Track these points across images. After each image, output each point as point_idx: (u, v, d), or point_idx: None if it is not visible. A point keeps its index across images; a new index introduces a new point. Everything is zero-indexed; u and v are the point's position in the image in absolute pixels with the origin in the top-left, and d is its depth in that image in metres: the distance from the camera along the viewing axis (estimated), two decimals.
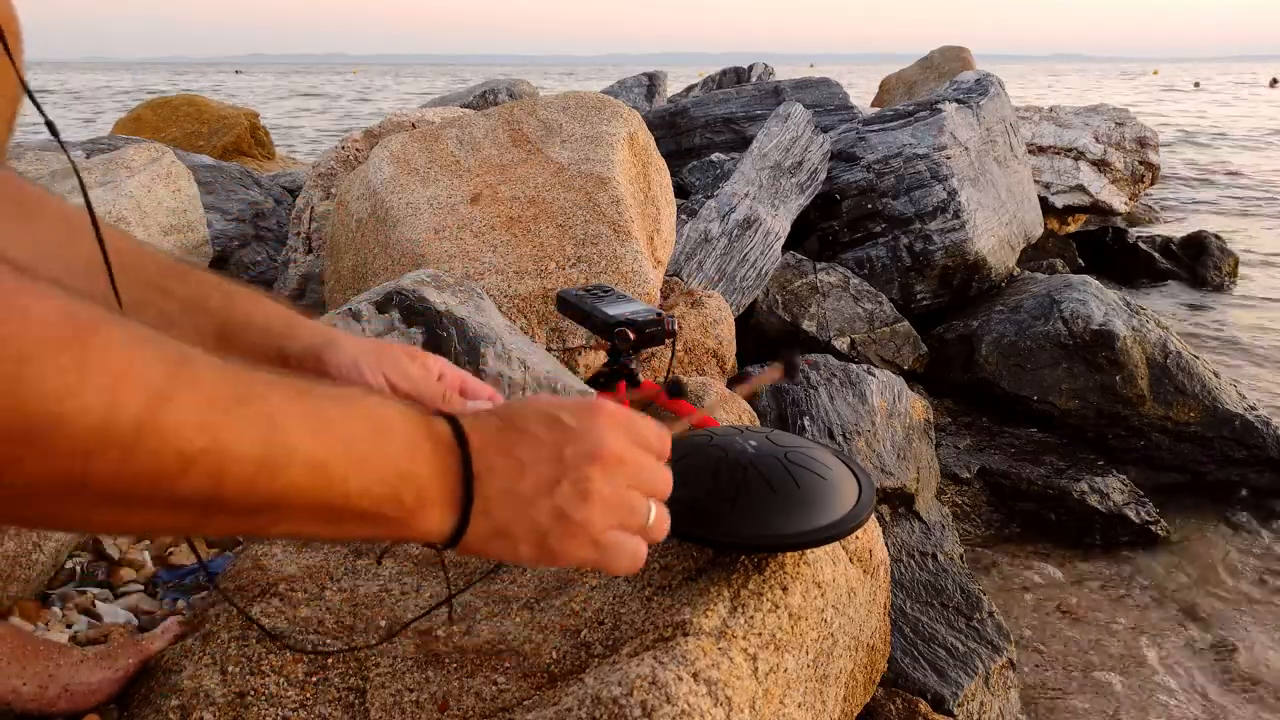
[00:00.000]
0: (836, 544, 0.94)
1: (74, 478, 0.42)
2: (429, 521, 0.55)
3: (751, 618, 0.82)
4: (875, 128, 3.53)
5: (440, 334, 1.48)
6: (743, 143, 3.95)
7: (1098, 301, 2.85)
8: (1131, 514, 2.37)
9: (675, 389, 0.82)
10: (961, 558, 2.01)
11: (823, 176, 3.30)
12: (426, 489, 0.54)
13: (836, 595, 0.92)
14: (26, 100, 0.69)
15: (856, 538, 1.00)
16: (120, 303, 0.69)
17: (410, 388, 0.76)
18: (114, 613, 1.09)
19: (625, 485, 0.60)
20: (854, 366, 2.29)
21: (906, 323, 3.01)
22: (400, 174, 2.07)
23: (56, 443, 0.40)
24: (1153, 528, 2.35)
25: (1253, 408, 2.69)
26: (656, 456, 0.63)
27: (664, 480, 0.63)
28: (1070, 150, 5.03)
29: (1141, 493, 2.45)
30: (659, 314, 0.96)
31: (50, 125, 0.69)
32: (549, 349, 1.79)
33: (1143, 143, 5.23)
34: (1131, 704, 1.73)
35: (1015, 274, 3.49)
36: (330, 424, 0.50)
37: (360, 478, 0.51)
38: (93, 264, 0.72)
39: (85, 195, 0.69)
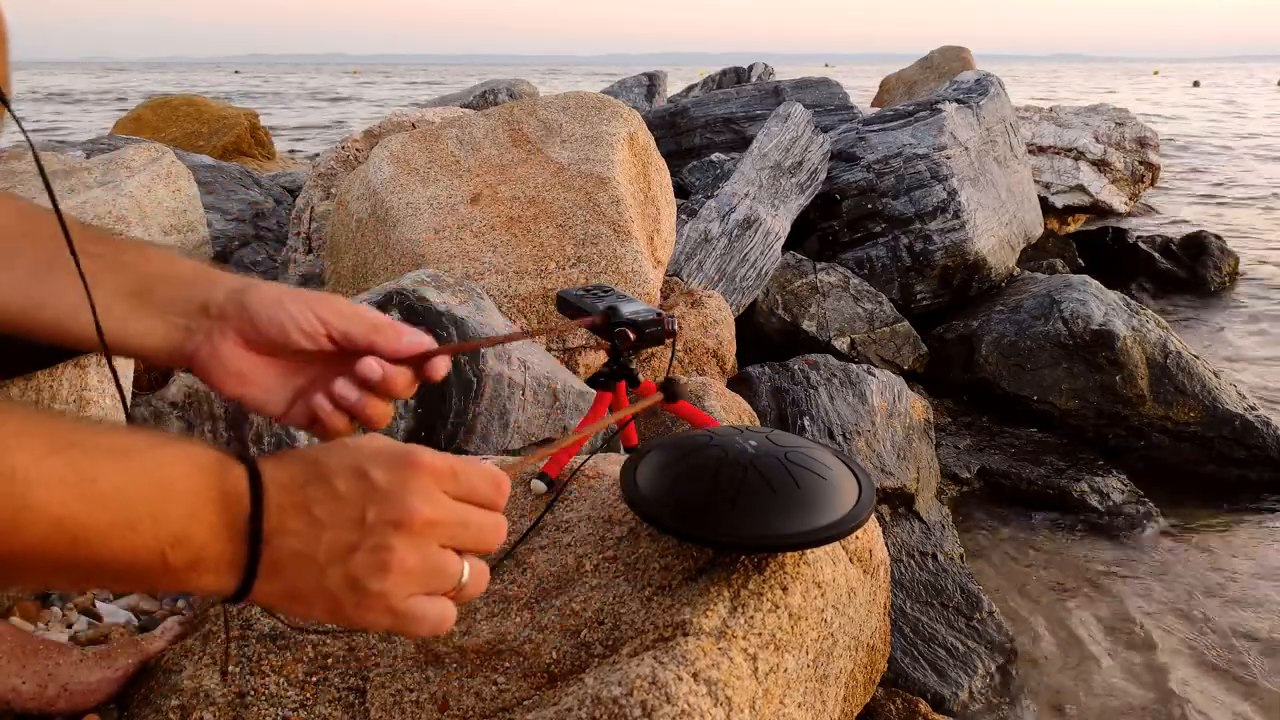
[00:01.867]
0: (836, 544, 0.94)
1: None
2: (202, 581, 0.52)
3: (751, 618, 0.82)
4: (875, 128, 3.53)
5: (440, 334, 1.48)
6: (743, 143, 3.95)
7: (1098, 301, 2.85)
8: (1131, 514, 2.37)
9: (671, 392, 0.80)
10: (961, 558, 2.01)
11: (823, 176, 3.30)
12: (202, 552, 0.51)
13: (836, 595, 0.92)
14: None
15: (856, 538, 1.00)
16: (80, 271, 0.67)
17: (340, 324, 0.70)
18: (114, 613, 1.09)
19: (437, 548, 0.55)
20: (854, 366, 2.29)
21: (906, 323, 3.01)
22: (400, 174, 2.07)
23: None
24: (1152, 528, 2.35)
25: (1253, 408, 2.69)
26: (489, 506, 0.58)
27: (492, 532, 0.58)
28: (1070, 150, 5.03)
29: (1141, 493, 2.45)
30: (659, 314, 0.95)
31: (26, 135, 0.67)
32: (549, 349, 1.79)
33: (1143, 143, 5.24)
34: (1133, 703, 1.73)
35: (1015, 274, 3.49)
36: (92, 483, 0.47)
37: (119, 542, 0.48)
38: (7, 235, 0.70)
39: (46, 183, 0.67)
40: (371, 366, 0.69)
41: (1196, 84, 32.83)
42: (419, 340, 0.72)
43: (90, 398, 1.08)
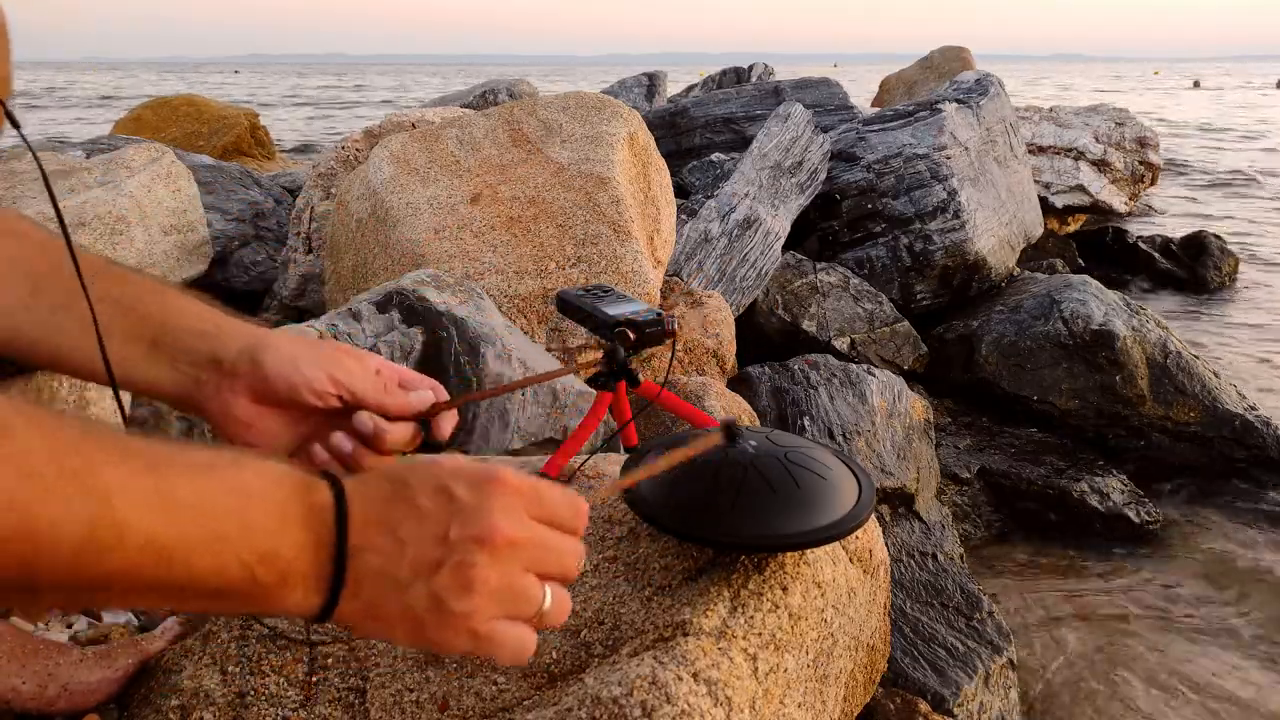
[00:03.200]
0: (836, 544, 0.94)
1: None
2: (290, 600, 0.51)
3: (751, 618, 0.82)
4: (875, 128, 3.53)
5: (440, 334, 1.48)
6: (743, 143, 3.95)
7: (1098, 301, 2.85)
8: (1131, 514, 2.37)
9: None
10: (961, 558, 2.01)
11: (823, 176, 3.30)
12: (290, 569, 0.50)
13: (836, 595, 0.92)
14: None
15: (856, 538, 1.00)
16: (90, 303, 0.68)
17: (350, 383, 0.72)
18: (114, 613, 1.09)
19: (520, 570, 0.54)
20: (854, 366, 2.29)
21: (906, 323, 3.01)
22: (400, 174, 2.07)
23: None
24: (1152, 527, 2.35)
25: (1253, 408, 2.69)
26: (569, 531, 0.57)
27: (572, 559, 0.57)
28: (1070, 150, 5.03)
29: (1141, 493, 2.45)
30: (659, 314, 0.95)
31: (19, 131, 0.68)
32: (549, 349, 1.79)
33: (1143, 143, 5.24)
34: (1133, 703, 1.73)
35: (1015, 274, 3.49)
36: (179, 501, 0.47)
37: (209, 559, 0.47)
38: (15, 261, 0.71)
39: (51, 193, 0.69)
40: (364, 422, 0.71)
41: (1197, 84, 32.80)
42: (424, 399, 0.73)
43: (91, 398, 1.09)
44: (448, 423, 0.73)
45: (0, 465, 0.41)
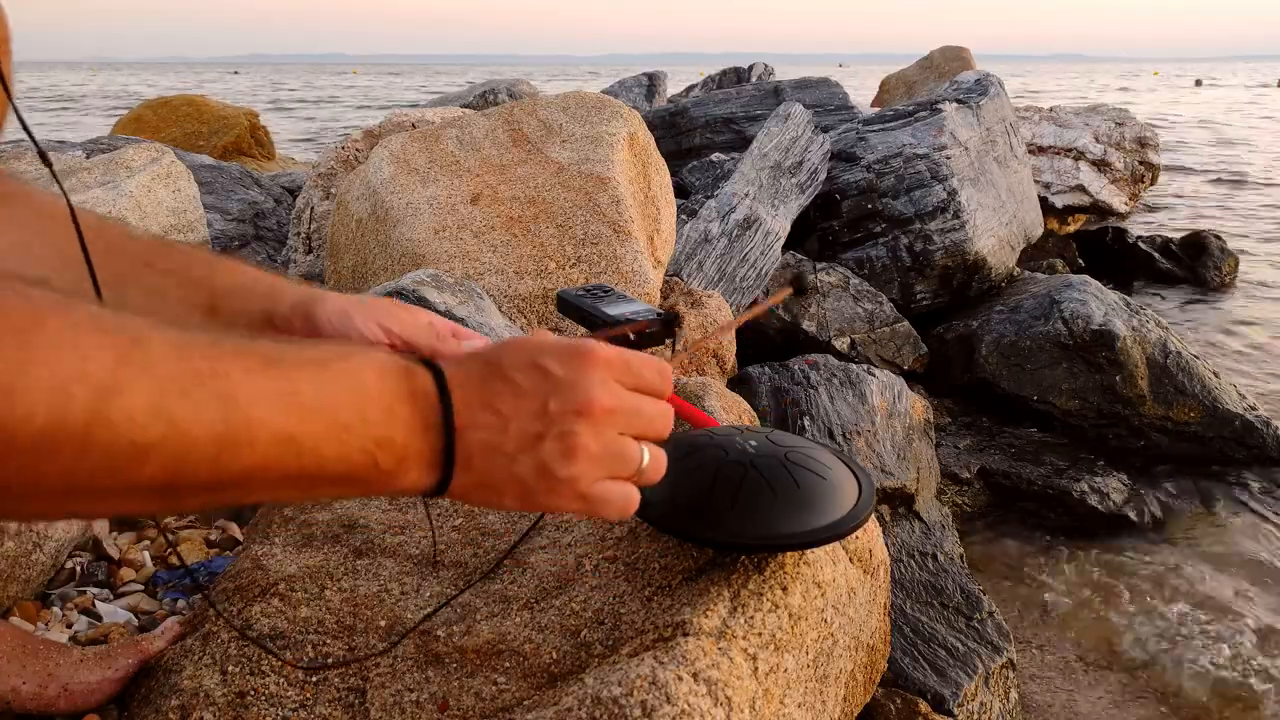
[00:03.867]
0: (836, 544, 0.94)
1: (25, 477, 0.40)
2: (407, 480, 0.54)
3: (751, 618, 0.82)
4: (875, 128, 3.53)
5: None
6: (743, 143, 3.95)
7: (1098, 301, 2.85)
8: (1131, 514, 2.37)
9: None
10: (961, 558, 2.01)
11: (823, 176, 3.30)
12: (405, 450, 0.53)
13: (836, 595, 0.92)
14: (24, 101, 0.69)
15: (856, 538, 1.00)
16: (99, 290, 0.69)
17: (403, 332, 0.74)
18: (114, 613, 1.09)
19: (616, 434, 0.58)
20: (854, 366, 2.29)
21: (906, 323, 3.01)
22: (400, 174, 2.07)
23: (1, 446, 0.39)
24: (1152, 528, 2.35)
25: (1253, 407, 2.69)
26: (656, 394, 0.61)
27: (662, 420, 0.61)
28: (1070, 150, 5.03)
29: (1141, 493, 2.45)
30: (659, 313, 0.95)
31: (30, 135, 0.68)
32: None
33: (1143, 142, 5.23)
34: (1133, 703, 1.73)
35: (1015, 274, 3.49)
36: (299, 394, 0.49)
37: (333, 446, 0.50)
38: (66, 253, 0.72)
39: (59, 184, 0.69)
40: None
41: (1199, 83, 32.78)
42: (477, 345, 0.75)
43: None
44: None
45: (140, 375, 0.43)
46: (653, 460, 0.61)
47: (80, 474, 0.42)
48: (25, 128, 0.66)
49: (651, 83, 6.18)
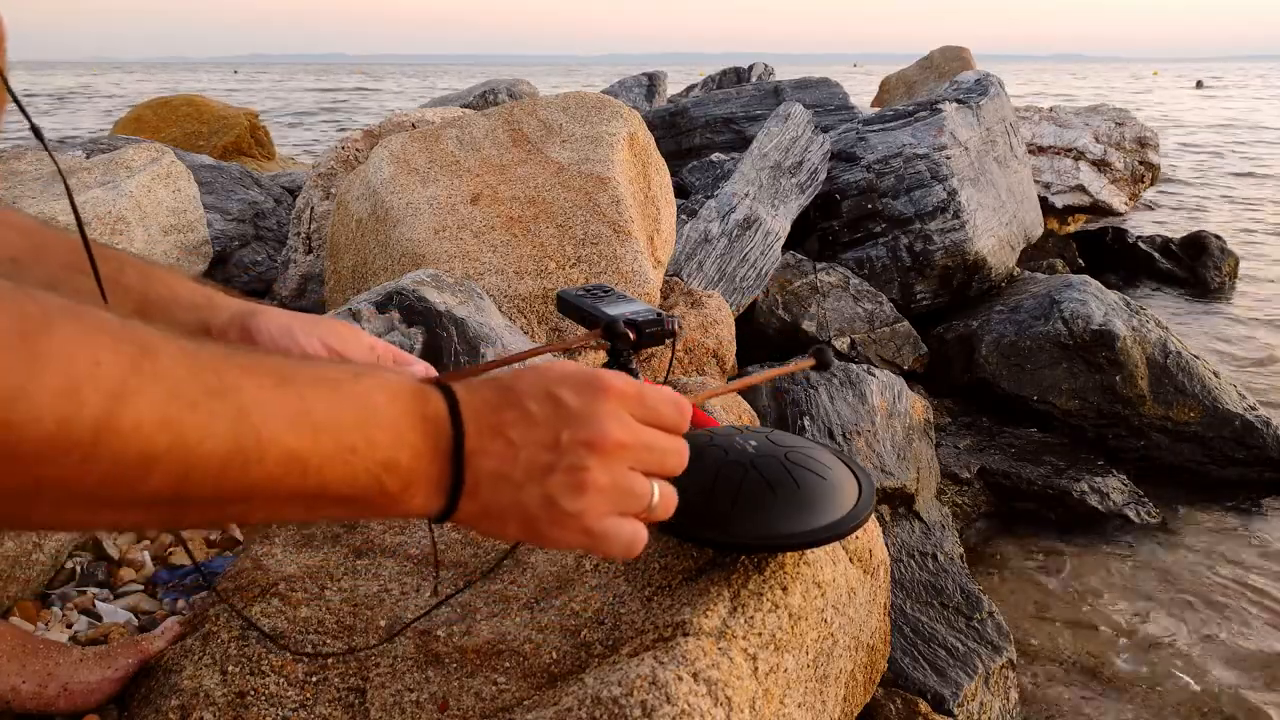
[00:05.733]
0: (836, 544, 0.94)
1: (29, 483, 0.40)
2: (413, 504, 0.54)
3: (751, 618, 0.82)
4: (875, 128, 3.53)
5: (440, 334, 1.48)
6: (743, 143, 3.95)
7: (1098, 301, 2.85)
8: (1131, 514, 2.37)
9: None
10: (961, 558, 2.01)
11: (823, 176, 3.30)
12: (413, 476, 0.53)
13: (836, 595, 0.92)
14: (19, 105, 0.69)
15: (856, 538, 1.00)
16: (104, 294, 0.68)
17: (345, 351, 0.73)
18: (114, 613, 1.09)
19: (626, 469, 0.57)
20: (854, 366, 2.29)
21: (906, 323, 3.01)
22: (400, 174, 2.07)
23: (7, 450, 0.38)
24: (1153, 528, 2.35)
25: (1253, 408, 2.69)
26: (672, 430, 0.60)
27: (677, 457, 0.60)
28: (1070, 150, 5.03)
29: (1141, 493, 2.45)
30: (659, 314, 0.95)
31: (35, 130, 0.68)
32: None
33: (1143, 143, 5.23)
34: (1133, 703, 1.73)
35: (1015, 274, 3.49)
36: (310, 414, 0.48)
37: (339, 468, 0.49)
38: (16, 259, 0.71)
39: (67, 189, 0.69)
40: None
41: (1200, 84, 32.77)
42: (418, 372, 0.73)
43: None
44: None
45: (150, 384, 0.42)
46: (663, 498, 0.59)
47: (86, 482, 0.41)
48: (28, 119, 0.66)
49: (651, 83, 6.18)
